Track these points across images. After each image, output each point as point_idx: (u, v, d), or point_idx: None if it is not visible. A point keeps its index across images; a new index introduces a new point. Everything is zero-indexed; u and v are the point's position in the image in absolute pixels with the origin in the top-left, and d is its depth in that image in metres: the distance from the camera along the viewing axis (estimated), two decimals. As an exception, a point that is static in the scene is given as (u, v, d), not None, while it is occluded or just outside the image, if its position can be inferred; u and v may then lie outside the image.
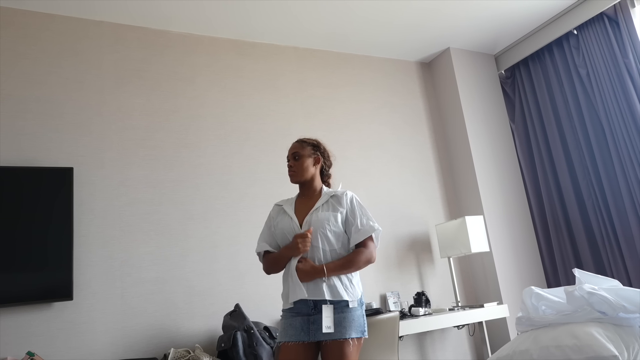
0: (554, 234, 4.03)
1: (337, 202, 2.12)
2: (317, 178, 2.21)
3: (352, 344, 1.92)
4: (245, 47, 3.78)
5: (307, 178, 2.17)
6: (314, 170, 2.19)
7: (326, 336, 1.92)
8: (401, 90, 4.34)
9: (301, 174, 2.16)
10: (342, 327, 1.93)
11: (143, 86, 3.34)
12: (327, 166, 2.26)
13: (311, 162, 2.18)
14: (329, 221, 2.05)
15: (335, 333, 1.92)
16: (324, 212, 2.07)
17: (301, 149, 2.19)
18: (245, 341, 2.69)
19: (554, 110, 4.11)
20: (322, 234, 2.03)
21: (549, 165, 4.11)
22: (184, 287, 3.08)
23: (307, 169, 2.17)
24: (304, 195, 2.21)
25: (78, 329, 2.77)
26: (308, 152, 2.19)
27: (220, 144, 3.47)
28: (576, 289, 2.12)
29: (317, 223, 2.04)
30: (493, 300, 3.83)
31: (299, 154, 2.17)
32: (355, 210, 2.10)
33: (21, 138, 2.92)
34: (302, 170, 2.16)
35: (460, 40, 4.23)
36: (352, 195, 2.14)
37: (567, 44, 4.00)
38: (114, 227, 3.01)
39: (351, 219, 2.08)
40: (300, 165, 2.16)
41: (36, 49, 3.10)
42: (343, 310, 1.96)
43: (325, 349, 1.94)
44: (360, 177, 3.89)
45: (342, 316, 1.95)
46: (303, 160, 2.16)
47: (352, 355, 1.92)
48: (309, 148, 2.20)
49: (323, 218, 2.05)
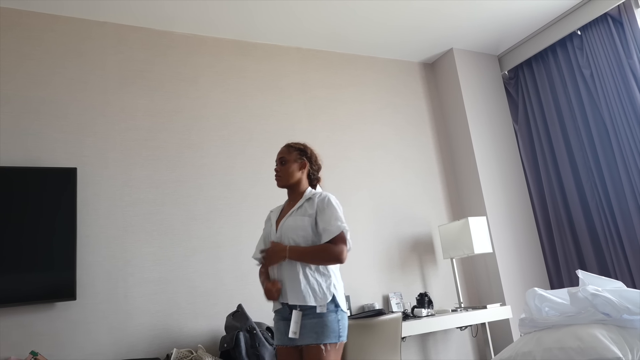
0: (557, 235, 4.01)
1: (309, 205, 2.14)
2: (304, 182, 2.24)
3: (326, 350, 1.93)
4: (248, 48, 3.78)
5: (292, 182, 2.21)
6: (300, 175, 2.22)
7: (300, 341, 1.96)
8: (404, 91, 4.34)
9: (287, 179, 2.20)
10: (315, 333, 1.95)
11: (146, 87, 3.35)
12: (315, 170, 2.29)
13: (297, 167, 2.22)
14: (297, 226, 2.08)
15: (309, 339, 1.95)
16: (295, 217, 2.12)
17: (287, 154, 2.23)
18: (248, 342, 2.69)
19: (557, 111, 4.10)
20: (290, 238, 2.08)
21: (552, 166, 4.10)
22: (186, 287, 3.09)
23: (293, 174, 2.20)
24: (290, 200, 2.26)
25: (81, 328, 2.78)
26: (294, 157, 2.23)
27: (223, 144, 3.48)
28: (580, 290, 2.11)
29: (286, 228, 2.10)
30: (496, 301, 3.82)
31: (285, 159, 2.22)
32: (325, 210, 2.08)
33: (25, 138, 2.93)
34: (288, 175, 2.20)
35: (463, 40, 4.22)
36: (325, 197, 2.13)
37: (571, 45, 3.99)
38: (117, 227, 3.02)
39: (320, 220, 2.08)
40: (286, 170, 2.20)
41: (40, 49, 3.11)
42: (315, 316, 1.98)
43: (303, 354, 1.99)
44: (363, 178, 3.89)
45: (314, 322, 1.97)
46: (289, 165, 2.21)
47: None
48: (295, 153, 2.24)
49: (292, 223, 2.10)
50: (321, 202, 2.11)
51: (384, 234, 3.82)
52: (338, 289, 2.06)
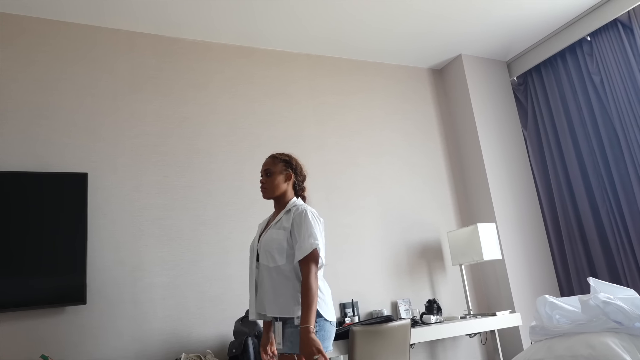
0: (567, 242, 3.98)
1: (286, 218, 2.15)
2: (289, 194, 2.24)
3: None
4: (256, 54, 3.80)
5: (277, 194, 2.22)
6: (285, 187, 2.23)
7: (282, 350, 2.00)
8: (413, 97, 4.34)
9: (272, 191, 2.21)
10: (289, 342, 1.98)
11: (155, 93, 3.37)
12: (300, 181, 2.29)
13: (282, 179, 2.22)
14: (272, 239, 2.10)
15: (285, 348, 1.99)
16: (272, 230, 2.14)
17: (273, 165, 2.24)
18: (256, 347, 2.69)
19: (567, 117, 4.08)
20: (266, 252, 2.10)
21: (562, 173, 4.07)
22: (195, 292, 3.10)
23: (278, 186, 2.21)
24: (275, 211, 2.28)
25: (90, 333, 2.79)
26: (280, 168, 2.23)
27: (232, 150, 3.49)
28: (591, 298, 2.09)
29: (265, 242, 2.13)
30: (505, 308, 3.79)
31: (271, 171, 2.22)
32: (301, 225, 2.07)
33: (36, 144, 2.96)
34: (273, 187, 2.21)
35: (471, 46, 4.22)
36: (302, 211, 2.11)
37: (581, 51, 3.97)
38: (126, 232, 3.04)
39: (296, 235, 2.07)
40: (272, 182, 2.21)
41: (50, 55, 3.15)
42: (291, 326, 2.00)
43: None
44: (372, 184, 3.89)
45: (291, 331, 1.99)
46: (274, 177, 2.21)
47: None
48: (280, 164, 2.24)
49: (269, 237, 2.12)
50: (298, 216, 2.10)
51: (392, 240, 3.80)
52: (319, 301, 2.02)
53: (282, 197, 2.23)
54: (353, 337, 2.64)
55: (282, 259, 2.07)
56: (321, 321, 2.01)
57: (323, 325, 2.01)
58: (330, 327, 2.06)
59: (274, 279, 2.07)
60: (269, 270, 2.09)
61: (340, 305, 3.44)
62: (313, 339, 1.88)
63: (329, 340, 2.04)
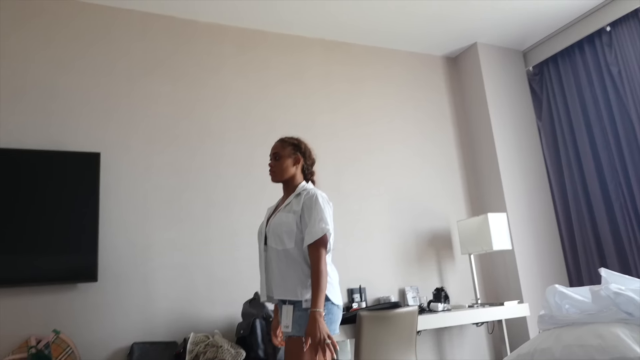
0: (578, 235, 3.95)
1: (296, 201, 2.15)
2: (297, 177, 2.25)
3: (302, 342, 1.94)
4: (271, 39, 3.79)
5: (286, 178, 2.23)
6: (294, 170, 2.23)
7: (290, 332, 2.02)
8: (426, 86, 4.30)
9: (280, 174, 2.22)
10: (297, 325, 1.99)
11: (169, 75, 3.38)
12: (309, 165, 2.29)
13: (291, 162, 2.22)
14: (282, 222, 2.10)
15: (294, 330, 2.00)
16: (282, 214, 2.14)
17: (281, 149, 2.24)
18: (264, 329, 2.71)
19: (582, 108, 4.02)
20: (275, 235, 2.10)
21: (576, 165, 4.03)
22: (204, 274, 3.12)
23: (287, 169, 2.21)
24: (284, 195, 2.28)
25: (101, 310, 2.84)
26: (288, 152, 2.23)
27: (244, 134, 3.50)
28: (602, 288, 2.07)
29: (274, 225, 2.13)
30: (514, 298, 3.78)
31: (279, 154, 2.23)
32: (312, 210, 2.07)
33: (50, 122, 2.99)
34: (282, 170, 2.21)
35: (487, 35, 4.16)
36: (312, 195, 2.11)
37: (599, 41, 3.90)
38: (137, 212, 3.06)
39: (306, 219, 2.08)
40: (280, 165, 2.21)
41: (67, 36, 3.16)
42: (299, 309, 2.01)
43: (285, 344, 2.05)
44: (383, 172, 3.88)
45: (297, 315, 2.01)
46: (283, 160, 2.21)
47: (298, 353, 1.94)
48: (289, 148, 2.24)
49: (278, 220, 2.12)
50: (308, 200, 2.10)
51: (401, 228, 3.80)
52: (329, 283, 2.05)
53: (291, 181, 2.24)
54: (360, 322, 2.65)
55: (291, 242, 2.07)
56: (329, 305, 2.03)
57: (331, 308, 2.04)
58: (337, 310, 2.08)
59: (282, 262, 2.08)
60: (277, 253, 2.10)
61: (347, 291, 3.45)
62: (322, 324, 1.90)
63: (336, 323, 2.07)
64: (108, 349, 2.80)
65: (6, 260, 2.63)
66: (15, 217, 2.70)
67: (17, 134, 2.89)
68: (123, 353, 2.82)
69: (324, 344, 1.89)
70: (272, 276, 2.11)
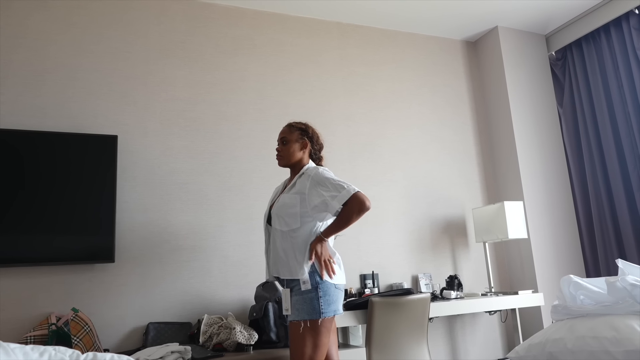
0: (597, 225, 3.87)
1: (301, 181, 2.15)
2: (304, 162, 2.26)
3: (303, 326, 1.98)
4: (288, 22, 3.75)
5: (293, 162, 2.25)
6: (300, 155, 2.25)
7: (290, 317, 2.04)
8: (444, 70, 4.23)
9: (288, 158, 2.24)
10: (296, 310, 2.02)
11: (186, 58, 3.38)
12: (316, 150, 2.31)
13: (298, 147, 2.24)
14: (286, 203, 2.12)
15: (293, 315, 2.03)
16: (286, 195, 2.15)
17: (289, 133, 2.25)
18: (276, 312, 2.74)
19: (606, 95, 3.91)
20: (279, 216, 2.12)
21: (597, 153, 3.93)
22: (219, 256, 3.16)
23: (294, 154, 2.23)
24: (290, 179, 2.29)
25: (118, 290, 2.90)
26: (296, 136, 2.25)
27: (260, 117, 3.50)
28: (618, 279, 2.04)
29: (278, 206, 2.15)
30: (528, 288, 3.75)
31: (287, 139, 2.24)
32: (325, 182, 2.08)
33: (70, 105, 3.03)
34: (289, 154, 2.23)
35: (509, 18, 4.06)
36: (315, 172, 2.12)
37: (627, 25, 3.77)
38: (154, 195, 3.10)
39: (321, 192, 2.06)
40: (287, 149, 2.23)
41: (86, 18, 3.18)
42: (297, 293, 2.04)
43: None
44: (399, 157, 3.85)
45: (295, 299, 2.04)
46: (290, 145, 2.23)
47: (305, 335, 1.97)
48: (297, 133, 2.25)
49: (282, 202, 2.14)
50: (316, 175, 2.11)
51: (416, 214, 3.78)
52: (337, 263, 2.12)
53: (298, 165, 2.26)
54: (372, 308, 2.66)
55: (296, 223, 2.09)
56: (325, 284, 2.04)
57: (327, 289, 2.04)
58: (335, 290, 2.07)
59: (287, 242, 2.10)
60: (282, 235, 2.12)
61: (360, 277, 3.46)
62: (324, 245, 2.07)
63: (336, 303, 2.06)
64: (124, 328, 2.87)
65: (28, 240, 2.70)
66: (36, 198, 2.76)
67: (40, 116, 2.94)
68: (139, 332, 2.88)
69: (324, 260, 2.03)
70: (277, 257, 2.13)
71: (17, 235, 2.69)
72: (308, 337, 1.98)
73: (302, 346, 1.98)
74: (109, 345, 2.81)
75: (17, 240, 2.68)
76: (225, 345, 2.62)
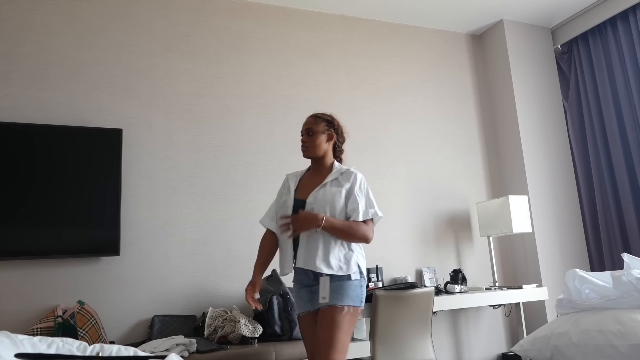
0: (602, 220, 3.86)
1: (345, 178, 2.14)
2: (329, 154, 2.24)
3: (345, 311, 1.98)
4: (292, 15, 3.74)
5: (319, 154, 2.20)
6: (326, 147, 2.22)
7: (323, 304, 2.01)
8: (449, 64, 4.21)
9: (314, 150, 2.19)
10: (338, 294, 2.00)
11: (190, 52, 3.38)
12: (340, 142, 2.28)
13: (324, 139, 2.20)
14: (333, 199, 2.09)
15: (330, 300, 1.99)
16: (330, 188, 2.12)
17: (315, 124, 2.20)
18: (281, 305, 2.75)
19: (612, 89, 3.89)
20: (324, 210, 2.07)
21: (603, 147, 3.91)
22: (223, 250, 3.17)
23: (320, 145, 2.19)
24: (314, 171, 2.24)
25: (123, 282, 2.91)
26: (322, 128, 2.20)
27: (264, 111, 3.49)
28: (624, 274, 2.04)
29: (324, 197, 2.09)
30: (532, 282, 3.75)
31: (313, 130, 2.19)
32: (362, 191, 2.13)
33: (74, 98, 3.03)
34: (315, 146, 2.19)
35: (515, 11, 4.03)
36: (361, 177, 2.17)
37: (634, 18, 3.73)
38: (159, 188, 3.11)
39: (355, 197, 2.10)
40: (314, 141, 2.18)
41: (90, 12, 3.18)
42: (340, 279, 2.03)
43: (320, 314, 2.02)
44: (402, 151, 3.84)
45: (337, 284, 2.01)
46: (317, 136, 2.19)
47: (343, 321, 1.96)
48: (323, 124, 2.21)
49: (330, 193, 2.10)
50: (363, 182, 2.15)
51: (420, 208, 3.78)
52: (361, 260, 2.12)
53: (323, 157, 2.22)
54: (376, 302, 2.66)
55: (342, 215, 2.09)
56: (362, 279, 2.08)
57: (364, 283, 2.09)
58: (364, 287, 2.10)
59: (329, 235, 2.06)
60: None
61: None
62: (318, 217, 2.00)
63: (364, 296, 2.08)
64: (130, 321, 2.88)
65: (34, 233, 2.71)
66: (41, 191, 2.77)
67: (44, 110, 2.94)
68: (144, 325, 2.90)
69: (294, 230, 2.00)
70: (314, 249, 2.06)
71: (23, 229, 2.70)
72: (346, 324, 1.97)
73: (337, 332, 1.94)
74: (115, 338, 2.82)
75: (23, 234, 2.70)
76: (230, 338, 2.63)
